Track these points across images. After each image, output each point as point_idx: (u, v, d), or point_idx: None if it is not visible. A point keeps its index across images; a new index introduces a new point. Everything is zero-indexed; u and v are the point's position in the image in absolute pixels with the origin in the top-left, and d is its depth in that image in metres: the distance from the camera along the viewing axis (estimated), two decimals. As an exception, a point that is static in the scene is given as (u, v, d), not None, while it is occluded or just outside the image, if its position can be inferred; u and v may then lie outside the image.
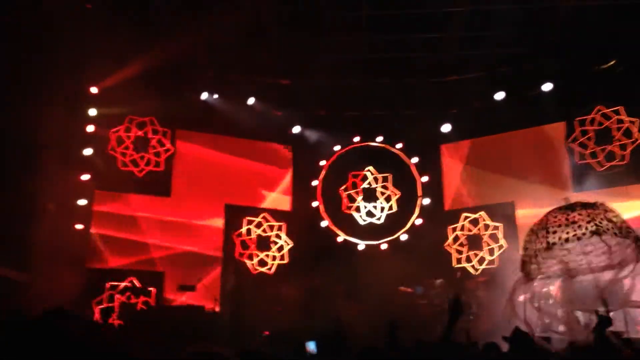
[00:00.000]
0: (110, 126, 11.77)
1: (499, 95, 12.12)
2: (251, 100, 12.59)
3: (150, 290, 11.44)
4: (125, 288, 11.31)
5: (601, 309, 7.44)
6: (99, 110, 11.19)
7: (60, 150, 10.42)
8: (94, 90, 11.02)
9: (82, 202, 10.86)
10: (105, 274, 11.21)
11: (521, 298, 10.80)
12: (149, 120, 12.19)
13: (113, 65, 10.74)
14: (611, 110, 11.46)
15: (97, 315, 10.75)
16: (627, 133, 11.23)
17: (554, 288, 10.09)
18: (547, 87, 11.66)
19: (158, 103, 11.61)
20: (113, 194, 11.60)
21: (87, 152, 11.06)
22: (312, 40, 11.68)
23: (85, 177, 10.97)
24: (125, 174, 11.83)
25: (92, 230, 11.15)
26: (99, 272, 11.12)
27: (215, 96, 12.35)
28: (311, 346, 6.85)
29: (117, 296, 11.20)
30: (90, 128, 11.17)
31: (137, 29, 10.30)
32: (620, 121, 11.34)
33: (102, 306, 10.99)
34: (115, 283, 11.27)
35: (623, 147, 11.25)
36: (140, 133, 12.09)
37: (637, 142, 11.09)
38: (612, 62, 11.04)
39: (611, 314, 8.89)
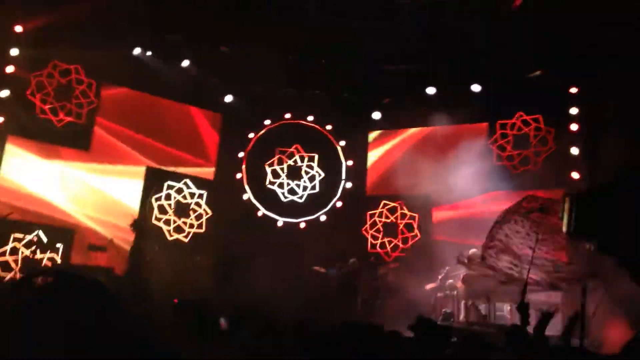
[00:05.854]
0: (33, 70, 11.11)
1: (431, 90, 12.43)
2: (185, 63, 12.25)
3: (58, 247, 10.99)
4: (31, 242, 10.80)
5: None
6: (21, 51, 10.53)
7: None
8: (18, 29, 10.35)
9: (-8, 145, 10.23)
10: (10, 225, 10.59)
11: (428, 287, 11.33)
12: (74, 69, 11.58)
13: (43, 4, 10.11)
14: (531, 118, 12.05)
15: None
16: (543, 141, 11.85)
17: (458, 280, 10.61)
18: (476, 88, 12.10)
19: (86, 52, 11.07)
20: (28, 141, 11.01)
21: (4, 93, 10.40)
22: (258, 13, 11.47)
23: (-1, 119, 10.33)
24: (43, 121, 11.23)
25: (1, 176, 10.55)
26: (3, 222, 10.54)
27: (149, 53, 11.90)
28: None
29: (22, 249, 10.68)
30: (10, 69, 10.50)
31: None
32: (538, 129, 11.94)
33: (3, 258, 10.45)
34: (20, 235, 10.73)
35: (537, 153, 11.88)
36: (63, 81, 11.49)
37: (551, 151, 11.73)
38: (537, 72, 11.57)
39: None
